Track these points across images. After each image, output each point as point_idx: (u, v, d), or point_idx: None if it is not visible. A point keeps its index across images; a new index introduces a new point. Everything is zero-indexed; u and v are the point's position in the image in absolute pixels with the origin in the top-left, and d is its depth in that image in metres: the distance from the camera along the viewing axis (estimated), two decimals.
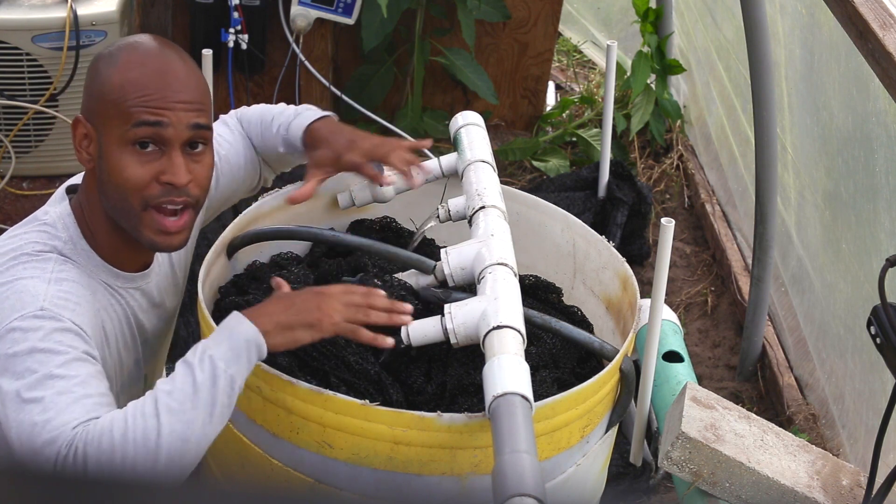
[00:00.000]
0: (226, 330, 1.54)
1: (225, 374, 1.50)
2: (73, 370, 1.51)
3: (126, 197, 1.62)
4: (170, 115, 1.61)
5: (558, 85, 4.40)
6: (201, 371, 1.49)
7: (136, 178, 1.61)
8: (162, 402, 1.47)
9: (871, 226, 2.55)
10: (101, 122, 1.62)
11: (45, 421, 1.47)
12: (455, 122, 2.06)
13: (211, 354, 1.50)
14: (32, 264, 1.61)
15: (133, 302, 1.73)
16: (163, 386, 1.49)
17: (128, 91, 1.60)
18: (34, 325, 1.53)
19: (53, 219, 1.68)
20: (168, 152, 1.62)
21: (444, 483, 1.64)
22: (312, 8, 3.48)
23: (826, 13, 2.48)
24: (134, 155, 1.61)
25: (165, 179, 1.62)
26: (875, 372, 2.45)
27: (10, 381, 1.50)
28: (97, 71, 1.65)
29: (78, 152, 1.66)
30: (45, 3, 3.18)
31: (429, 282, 1.81)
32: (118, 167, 1.61)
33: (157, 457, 1.44)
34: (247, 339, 1.53)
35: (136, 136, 1.60)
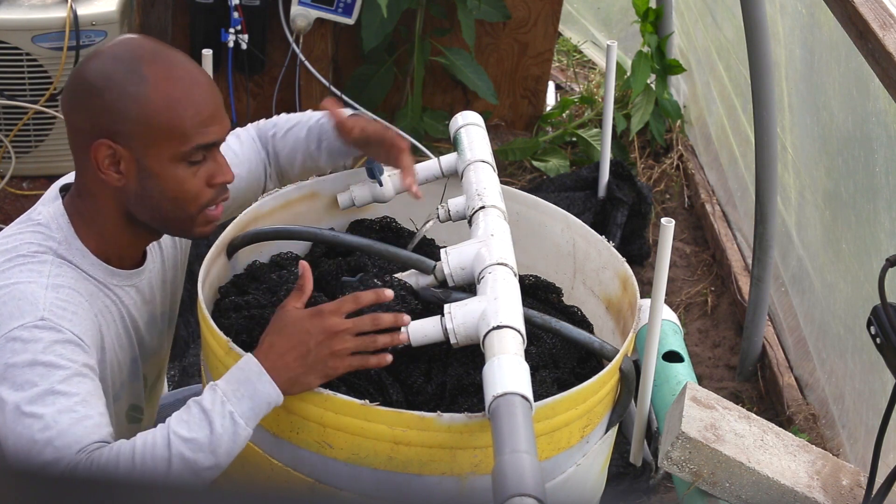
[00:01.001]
0: (247, 384, 1.55)
1: (245, 432, 1.54)
2: (73, 387, 1.52)
3: (184, 207, 1.67)
4: (220, 130, 1.66)
5: (558, 85, 4.40)
6: (221, 426, 1.52)
7: (195, 190, 1.66)
8: (176, 449, 1.50)
9: (871, 226, 2.55)
10: (144, 142, 1.61)
11: (46, 440, 1.48)
12: (455, 122, 2.06)
13: (231, 411, 1.53)
14: (29, 266, 1.61)
15: (127, 300, 1.73)
16: (178, 429, 1.51)
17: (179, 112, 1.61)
18: (35, 336, 1.54)
19: (47, 219, 1.68)
20: (212, 156, 1.67)
21: (444, 483, 1.64)
22: (312, 8, 3.48)
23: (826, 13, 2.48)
24: (187, 168, 1.65)
25: (219, 181, 1.68)
26: (875, 372, 2.45)
27: (10, 392, 1.51)
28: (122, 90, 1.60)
29: (106, 174, 1.63)
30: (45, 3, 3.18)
31: (429, 282, 1.81)
32: (175, 183, 1.64)
33: None
34: (269, 401, 1.56)
35: (197, 156, 1.65)
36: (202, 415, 1.53)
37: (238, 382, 1.56)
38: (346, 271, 1.89)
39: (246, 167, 1.95)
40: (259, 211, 1.97)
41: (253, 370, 1.57)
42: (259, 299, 1.79)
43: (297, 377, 1.58)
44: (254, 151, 1.98)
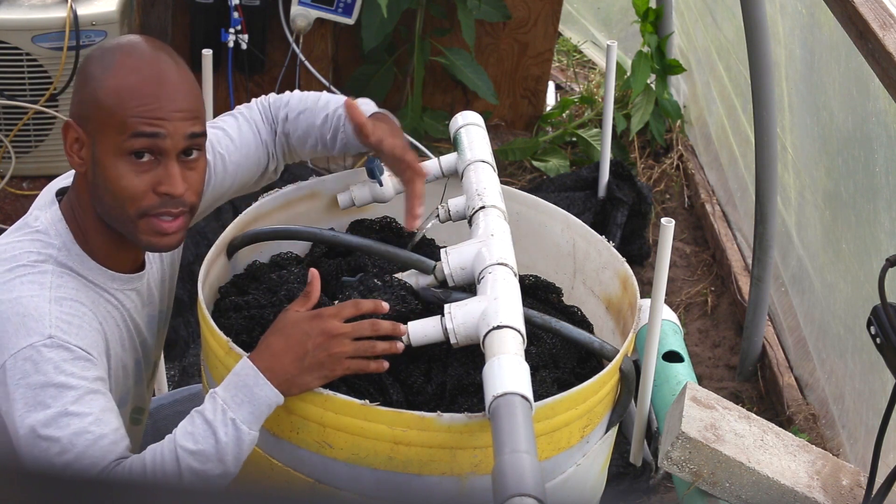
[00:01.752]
0: (245, 389, 1.56)
1: (248, 436, 1.56)
2: (86, 406, 1.54)
3: (122, 206, 1.62)
4: (167, 125, 1.60)
5: (558, 85, 4.40)
6: (225, 434, 1.54)
7: (133, 189, 1.60)
8: (185, 463, 1.53)
9: (871, 226, 2.55)
10: (95, 128, 1.61)
11: (64, 464, 1.50)
12: (455, 122, 2.06)
13: (233, 418, 1.55)
14: (30, 277, 1.60)
15: (129, 303, 1.73)
16: (184, 442, 1.53)
17: (125, 100, 1.59)
18: (44, 357, 1.54)
19: (45, 225, 1.67)
20: (164, 162, 1.61)
21: (444, 483, 1.64)
22: (312, 8, 3.48)
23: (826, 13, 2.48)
24: (130, 164, 1.60)
25: (163, 190, 1.61)
26: (875, 372, 2.45)
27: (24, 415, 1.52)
28: (89, 73, 1.63)
29: (69, 156, 1.65)
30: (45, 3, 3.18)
31: (429, 282, 1.80)
32: (114, 176, 1.60)
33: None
34: (269, 403, 1.57)
35: (133, 146, 1.59)
36: (205, 426, 1.55)
37: (236, 388, 1.56)
38: (346, 271, 1.89)
39: (243, 152, 1.92)
40: (259, 211, 1.97)
41: (249, 374, 1.57)
42: (259, 299, 1.79)
43: (294, 378, 1.58)
44: (253, 134, 1.94)
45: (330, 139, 1.94)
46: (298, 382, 1.59)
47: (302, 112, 1.95)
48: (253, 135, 1.94)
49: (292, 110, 1.96)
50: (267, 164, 1.97)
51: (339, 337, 1.60)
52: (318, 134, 1.94)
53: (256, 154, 1.95)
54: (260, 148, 1.95)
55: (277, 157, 1.98)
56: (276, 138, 1.96)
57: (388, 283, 1.78)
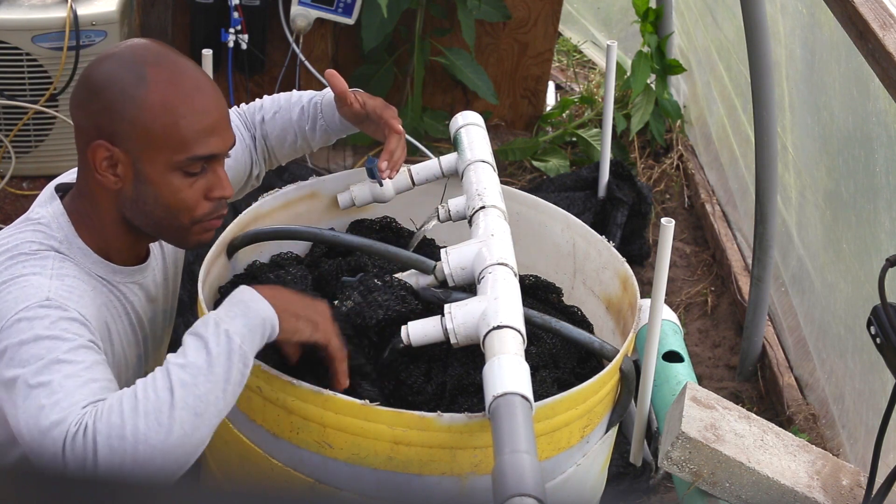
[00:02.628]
0: (240, 304, 1.53)
1: (240, 350, 1.50)
2: (79, 356, 1.51)
3: (176, 216, 1.65)
4: (222, 143, 1.64)
5: (558, 85, 4.40)
6: (216, 345, 1.48)
7: (190, 201, 1.64)
8: (175, 376, 1.46)
9: (871, 226, 2.55)
10: (140, 146, 1.60)
11: (52, 403, 1.46)
12: (455, 122, 2.06)
13: (227, 329, 1.50)
14: (31, 262, 1.61)
15: (132, 297, 1.73)
16: (174, 359, 1.48)
17: (177, 119, 1.59)
18: (40, 314, 1.53)
19: (47, 219, 1.67)
20: (213, 168, 1.65)
21: (444, 483, 1.64)
22: (312, 8, 3.48)
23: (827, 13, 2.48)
24: (183, 178, 1.63)
25: (216, 195, 1.65)
26: (875, 372, 2.45)
27: (17, 370, 1.50)
28: (123, 92, 1.59)
29: (101, 176, 1.63)
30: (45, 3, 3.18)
31: (429, 282, 1.81)
32: (168, 191, 1.62)
33: (170, 431, 1.42)
34: (263, 317, 1.53)
35: (195, 166, 1.62)
36: (196, 340, 1.50)
37: (230, 305, 1.54)
38: (346, 271, 1.89)
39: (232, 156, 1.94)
40: (259, 211, 1.97)
41: (244, 292, 1.56)
42: None
43: (291, 307, 1.57)
44: (238, 139, 1.96)
45: (309, 129, 1.95)
46: (293, 310, 1.57)
47: (277, 111, 1.97)
48: (238, 141, 1.95)
49: (267, 112, 1.98)
50: (251, 169, 1.99)
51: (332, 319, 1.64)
52: (297, 128, 1.96)
53: (243, 158, 1.97)
54: (245, 153, 1.98)
55: (260, 163, 2.01)
56: (256, 143, 1.99)
57: (388, 283, 1.78)
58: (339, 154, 3.69)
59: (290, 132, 1.97)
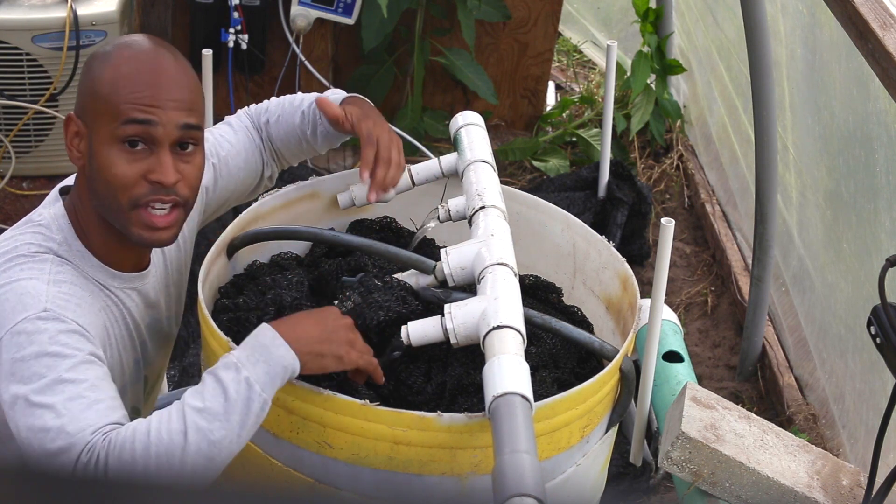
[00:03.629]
0: (262, 349, 1.53)
1: (259, 398, 1.50)
2: (81, 374, 1.51)
3: (115, 195, 1.62)
4: (160, 113, 1.60)
5: (558, 85, 4.40)
6: (236, 392, 1.48)
7: (124, 176, 1.61)
8: (190, 420, 1.46)
9: (871, 226, 2.55)
10: (92, 119, 1.62)
11: (58, 427, 1.46)
12: (455, 122, 2.06)
13: (247, 376, 1.50)
14: (29, 265, 1.61)
15: (129, 302, 1.73)
16: (192, 401, 1.48)
17: (119, 88, 1.60)
18: (39, 328, 1.53)
19: (48, 220, 1.67)
20: (157, 151, 1.61)
21: (444, 483, 1.64)
22: (312, 8, 3.48)
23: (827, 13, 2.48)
24: (123, 153, 1.61)
25: (153, 178, 1.61)
26: (875, 372, 2.45)
27: (18, 387, 1.50)
28: (90, 68, 1.65)
29: (69, 150, 1.66)
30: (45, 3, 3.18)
31: (429, 282, 1.80)
32: (107, 164, 1.61)
33: (181, 473, 1.43)
34: (284, 365, 1.53)
35: (126, 133, 1.60)
36: (216, 383, 1.50)
37: (252, 349, 1.53)
38: (346, 271, 1.89)
39: (243, 156, 1.94)
40: (259, 211, 1.97)
41: (266, 335, 1.54)
42: (248, 302, 1.79)
43: (312, 346, 1.56)
44: (248, 139, 1.97)
45: (311, 135, 1.96)
46: (316, 352, 1.56)
47: (280, 115, 1.98)
48: (249, 140, 1.96)
49: (272, 115, 1.98)
50: (263, 170, 1.99)
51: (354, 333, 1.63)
52: (300, 132, 1.96)
53: (254, 158, 1.97)
54: (255, 153, 1.97)
55: (271, 164, 2.01)
56: (264, 143, 1.99)
57: (388, 283, 1.78)
58: (339, 154, 3.69)
59: (293, 136, 1.97)
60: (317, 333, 1.57)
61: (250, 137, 1.97)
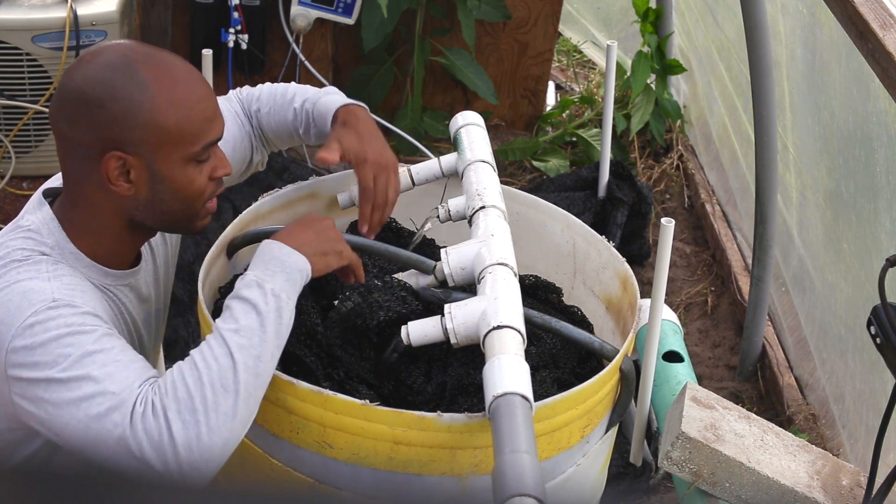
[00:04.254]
0: (275, 261, 1.60)
1: (288, 306, 1.57)
2: (107, 343, 1.52)
3: (192, 205, 1.67)
4: (222, 125, 1.68)
5: (558, 85, 4.40)
6: (265, 304, 1.54)
7: (203, 186, 1.67)
8: (232, 341, 1.51)
9: (871, 226, 2.55)
10: (153, 148, 1.59)
11: (101, 391, 1.47)
12: (455, 122, 2.06)
13: (272, 288, 1.56)
14: (25, 268, 1.60)
15: (125, 298, 1.73)
16: (226, 325, 1.53)
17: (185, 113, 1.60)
18: (52, 315, 1.52)
19: (37, 225, 1.66)
20: (212, 150, 1.68)
21: (444, 483, 1.64)
22: (312, 8, 3.48)
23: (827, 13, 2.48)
24: (196, 167, 1.65)
25: (220, 174, 1.69)
26: (875, 372, 2.45)
27: (44, 372, 1.49)
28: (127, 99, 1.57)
29: (116, 186, 1.61)
30: (45, 3, 3.18)
31: (429, 282, 1.80)
32: (185, 183, 1.64)
33: (237, 394, 1.48)
34: (300, 269, 1.61)
35: (205, 152, 1.65)
36: (243, 304, 1.55)
37: (265, 263, 1.60)
38: None
39: (231, 144, 1.92)
40: (259, 211, 1.97)
41: (274, 248, 1.62)
42: None
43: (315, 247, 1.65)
44: (237, 126, 1.96)
45: (303, 133, 1.96)
46: (319, 250, 1.65)
47: (272, 108, 1.98)
48: (238, 126, 1.96)
49: (263, 105, 1.98)
50: (252, 155, 1.99)
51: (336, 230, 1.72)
52: (292, 128, 1.97)
53: (243, 145, 1.97)
54: (245, 139, 1.97)
55: (261, 149, 2.01)
56: (254, 130, 1.99)
57: (388, 283, 1.78)
58: None
59: (284, 130, 1.98)
60: (313, 236, 1.66)
61: (240, 123, 1.96)
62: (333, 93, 1.97)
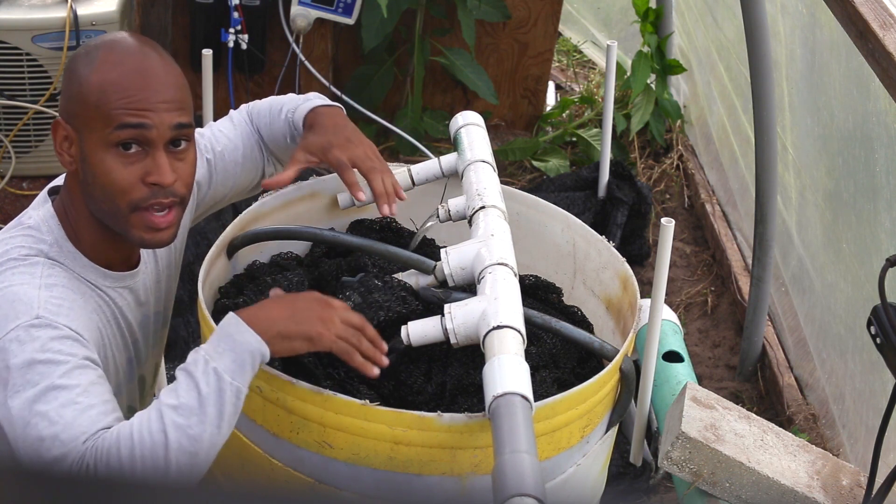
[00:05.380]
0: (227, 339, 1.52)
1: (231, 387, 1.50)
2: (74, 379, 1.52)
3: (113, 199, 1.62)
4: (152, 115, 1.60)
5: (558, 85, 4.40)
6: (206, 385, 1.49)
7: (122, 181, 1.61)
8: (168, 418, 1.47)
9: (871, 226, 2.55)
10: (82, 124, 1.61)
11: (52, 436, 1.48)
12: (455, 122, 2.06)
13: (215, 367, 1.49)
14: (21, 269, 1.61)
15: (121, 301, 1.73)
16: (167, 399, 1.49)
17: (108, 93, 1.59)
18: (31, 336, 1.53)
19: (37, 222, 1.67)
20: (152, 153, 1.61)
21: (444, 483, 1.64)
22: (312, 8, 3.48)
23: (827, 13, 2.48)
24: (118, 157, 1.60)
25: (151, 180, 1.61)
26: (875, 372, 2.45)
27: (13, 395, 1.51)
28: (74, 71, 1.63)
29: (59, 155, 1.65)
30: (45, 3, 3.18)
31: (429, 282, 1.80)
32: (103, 170, 1.61)
33: (167, 472, 1.45)
34: (251, 350, 1.52)
35: (119, 138, 1.60)
36: (187, 378, 1.50)
37: (218, 339, 1.53)
38: (346, 271, 1.89)
39: (241, 151, 1.93)
40: (259, 211, 1.97)
41: (231, 323, 1.54)
42: (248, 302, 1.79)
43: (278, 328, 1.54)
44: (248, 134, 1.95)
45: (291, 142, 1.94)
46: (283, 333, 1.54)
47: (270, 122, 1.97)
48: (249, 135, 1.95)
49: (263, 119, 1.98)
50: (264, 167, 1.98)
51: (331, 309, 1.60)
52: (282, 139, 1.95)
53: (253, 154, 1.96)
54: (256, 149, 1.96)
55: (273, 162, 2.00)
56: (263, 142, 1.98)
57: (388, 283, 1.78)
58: None
59: (281, 141, 1.96)
60: (283, 315, 1.56)
61: (250, 132, 1.96)
62: (313, 98, 1.95)
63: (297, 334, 1.56)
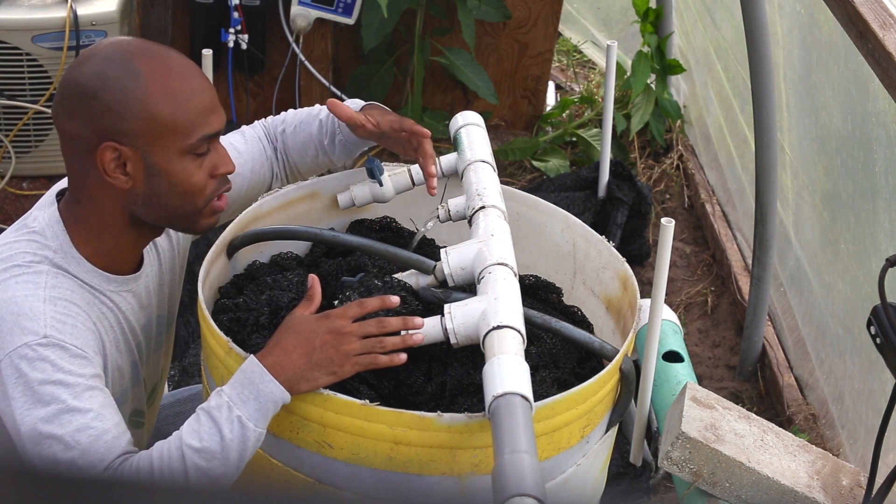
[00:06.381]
0: (251, 386, 1.56)
1: (254, 434, 1.55)
2: (86, 402, 1.54)
3: (192, 201, 1.66)
4: (219, 116, 1.66)
5: (558, 85, 4.40)
6: (230, 431, 1.54)
7: (200, 182, 1.65)
8: (190, 461, 1.52)
9: (870, 226, 2.55)
10: (149, 140, 1.59)
11: (69, 460, 1.51)
12: (455, 122, 2.06)
13: (239, 415, 1.54)
14: (25, 277, 1.61)
15: (124, 305, 1.73)
16: (190, 440, 1.53)
17: (180, 104, 1.60)
18: (41, 355, 1.55)
19: (42, 226, 1.66)
20: (214, 147, 1.67)
21: (444, 483, 1.64)
22: (312, 8, 3.48)
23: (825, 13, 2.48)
24: (195, 161, 1.64)
25: (221, 172, 1.68)
26: (875, 372, 2.46)
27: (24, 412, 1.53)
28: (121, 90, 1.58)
29: (113, 178, 1.61)
30: (45, 3, 3.18)
31: (429, 282, 1.80)
32: (183, 177, 1.63)
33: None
34: (274, 400, 1.56)
35: (202, 145, 1.64)
36: (211, 423, 1.55)
37: (242, 386, 1.56)
38: (346, 271, 1.89)
39: (249, 166, 1.95)
40: (259, 211, 1.97)
41: (255, 371, 1.57)
42: (248, 302, 1.79)
43: (301, 374, 1.58)
44: (258, 150, 1.97)
45: (328, 144, 1.95)
46: (307, 378, 1.58)
47: (298, 124, 1.98)
48: (259, 150, 1.98)
49: (289, 125, 1.99)
50: (271, 182, 2.00)
51: (346, 335, 1.61)
52: (317, 141, 1.96)
53: (262, 170, 1.97)
54: (265, 164, 1.98)
55: (281, 177, 2.01)
56: (278, 155, 1.99)
57: (388, 283, 1.78)
58: None
59: (310, 146, 1.98)
60: (303, 362, 1.58)
61: (261, 148, 1.98)
62: (351, 103, 1.99)
63: (318, 376, 1.59)
